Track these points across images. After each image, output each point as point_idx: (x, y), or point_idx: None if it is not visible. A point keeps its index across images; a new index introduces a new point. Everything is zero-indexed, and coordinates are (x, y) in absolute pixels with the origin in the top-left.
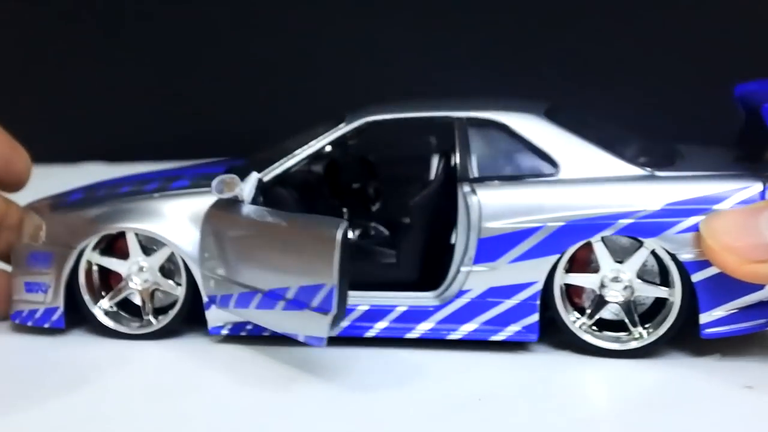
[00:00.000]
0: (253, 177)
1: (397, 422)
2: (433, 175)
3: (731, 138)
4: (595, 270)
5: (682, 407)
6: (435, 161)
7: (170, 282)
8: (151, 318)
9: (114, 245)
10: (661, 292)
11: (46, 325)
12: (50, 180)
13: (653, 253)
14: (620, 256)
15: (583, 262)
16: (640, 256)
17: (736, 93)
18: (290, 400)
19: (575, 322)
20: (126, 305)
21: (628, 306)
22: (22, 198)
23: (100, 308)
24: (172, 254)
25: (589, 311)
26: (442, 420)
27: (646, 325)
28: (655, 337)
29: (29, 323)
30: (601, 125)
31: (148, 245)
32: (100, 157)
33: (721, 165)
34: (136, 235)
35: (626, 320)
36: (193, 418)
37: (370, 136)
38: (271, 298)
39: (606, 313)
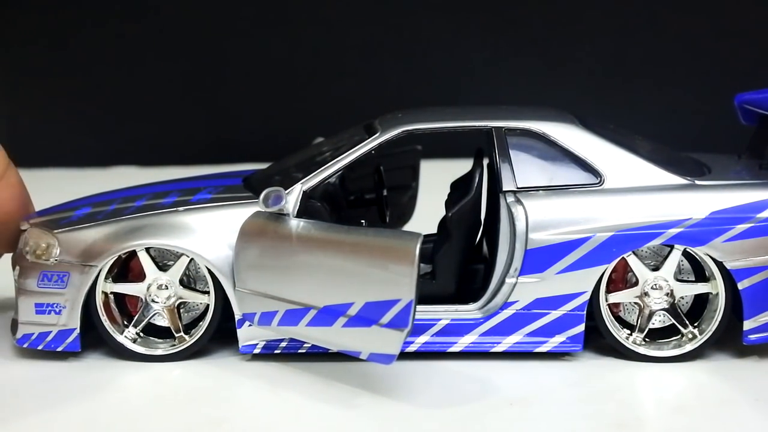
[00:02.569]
0: (298, 188)
1: (428, 426)
2: (417, 181)
3: (735, 147)
4: (634, 284)
5: (716, 412)
6: (420, 168)
7: (195, 293)
8: (183, 334)
9: (126, 269)
10: (703, 287)
11: (60, 348)
12: (83, 183)
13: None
14: (653, 263)
15: (619, 279)
16: (674, 259)
17: (737, 102)
18: (354, 415)
19: (628, 338)
20: (149, 330)
21: (674, 310)
22: (49, 201)
23: (127, 337)
24: (190, 264)
25: (638, 324)
26: (474, 423)
27: (695, 325)
28: (708, 334)
29: (39, 347)
30: (627, 133)
31: (162, 261)
32: (132, 161)
33: (750, 172)
34: (148, 252)
35: (676, 324)
36: None
37: None
38: (329, 314)
39: (655, 323)
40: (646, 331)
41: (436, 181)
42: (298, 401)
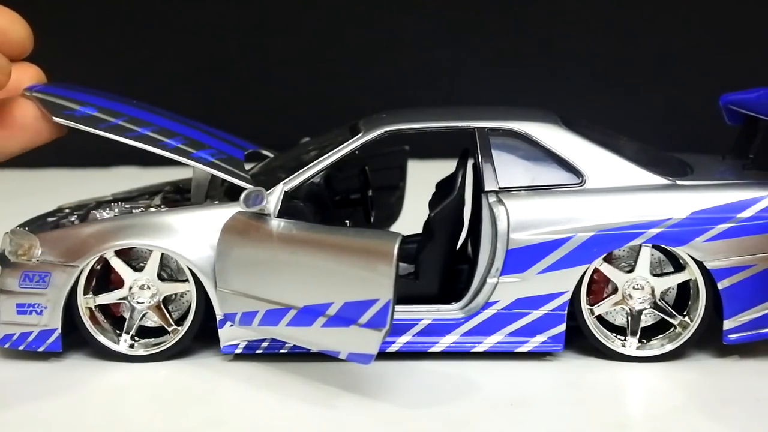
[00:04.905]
0: (279, 189)
1: (409, 426)
2: (404, 181)
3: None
4: (628, 271)
5: (715, 412)
6: (407, 168)
7: (175, 284)
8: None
9: (107, 279)
10: (681, 276)
11: (41, 349)
12: (83, 183)
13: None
14: (627, 263)
15: (601, 281)
16: (646, 257)
17: (722, 103)
18: (335, 415)
19: (624, 345)
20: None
21: (657, 305)
22: (49, 201)
23: (123, 345)
24: (163, 261)
25: (629, 328)
26: (474, 425)
27: (684, 314)
28: (699, 320)
29: (20, 347)
30: (610, 133)
31: (136, 263)
32: (132, 162)
33: (733, 172)
34: (119, 256)
35: (665, 317)
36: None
37: None
38: (308, 314)
39: (618, 318)
40: (639, 333)
41: (425, 181)
42: (278, 401)
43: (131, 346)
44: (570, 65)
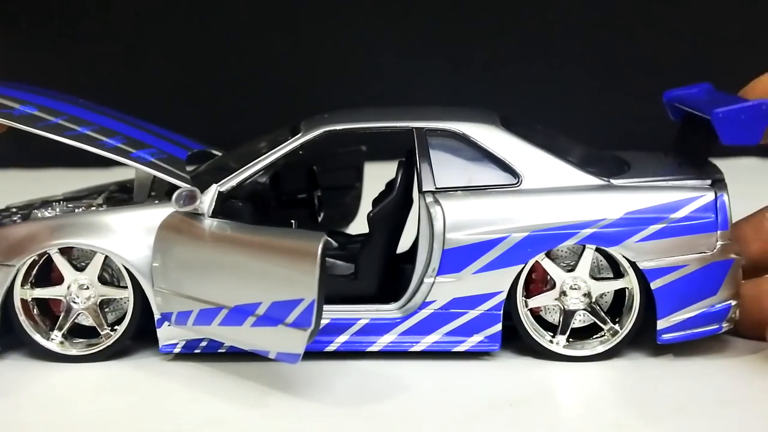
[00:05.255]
0: (213, 189)
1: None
2: (361, 181)
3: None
4: (552, 286)
5: (714, 413)
6: (364, 169)
7: (114, 289)
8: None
9: (48, 273)
10: (618, 284)
11: None
12: (83, 183)
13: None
14: (572, 263)
15: (539, 281)
16: (588, 258)
17: (665, 99)
18: (266, 414)
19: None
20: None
21: (592, 308)
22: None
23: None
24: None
25: (560, 327)
26: (471, 425)
27: (615, 321)
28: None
29: None
30: (550, 133)
31: (78, 262)
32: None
33: (669, 171)
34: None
35: (597, 321)
36: None
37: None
38: (239, 314)
39: (576, 322)
40: (568, 332)
41: (386, 182)
42: (212, 402)
43: (61, 343)
44: (558, 65)
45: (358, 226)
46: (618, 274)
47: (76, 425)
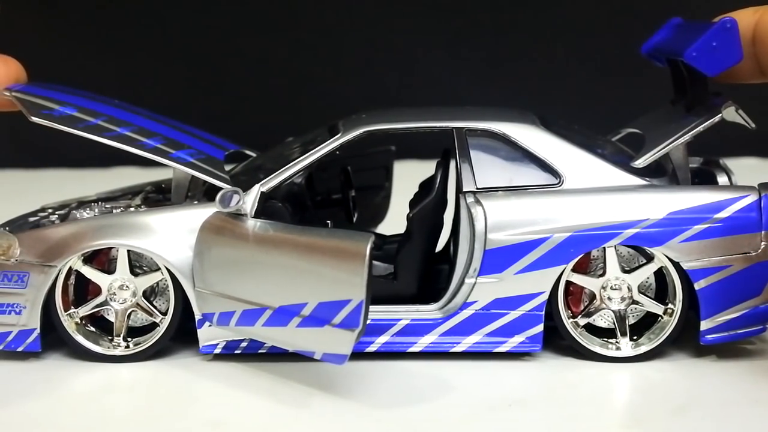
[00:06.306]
0: (256, 189)
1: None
2: (390, 181)
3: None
4: (600, 275)
5: (717, 413)
6: (393, 168)
7: (150, 276)
8: (121, 341)
9: (96, 258)
10: (657, 308)
11: (20, 349)
12: (83, 183)
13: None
14: (627, 265)
15: (576, 298)
16: (612, 257)
17: (644, 51)
18: (307, 415)
19: (619, 349)
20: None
21: (620, 316)
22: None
23: (71, 318)
24: (134, 255)
25: (620, 331)
26: (470, 426)
27: (634, 337)
28: (680, 303)
29: (0, 347)
30: (589, 133)
31: (136, 264)
32: (132, 162)
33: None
34: (90, 263)
35: (617, 329)
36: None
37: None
38: (284, 314)
39: (600, 321)
40: (587, 320)
41: (414, 182)
42: (254, 402)
43: (127, 346)
44: (565, 63)
45: (386, 226)
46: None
47: (107, 424)
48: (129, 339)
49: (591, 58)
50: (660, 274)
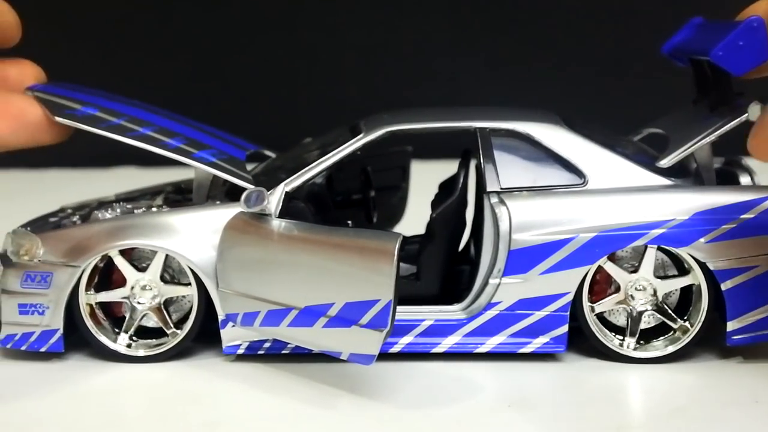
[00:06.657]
0: (280, 189)
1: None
2: (407, 182)
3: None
4: (632, 271)
5: (715, 414)
6: (410, 168)
7: (177, 287)
8: (175, 330)
9: (108, 278)
10: (685, 280)
11: (43, 349)
12: (83, 183)
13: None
14: (636, 264)
15: (603, 282)
16: (651, 258)
17: (665, 51)
18: (335, 416)
19: (622, 345)
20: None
21: (660, 308)
22: (49, 201)
23: (121, 344)
24: (170, 261)
25: (629, 329)
26: (472, 426)
27: (684, 319)
28: (699, 324)
29: (23, 347)
30: (611, 134)
31: (138, 263)
32: (132, 162)
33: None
34: (123, 255)
35: (666, 321)
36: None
37: None
38: (310, 315)
39: (642, 324)
40: (638, 334)
41: (430, 182)
42: (278, 403)
43: (129, 345)
44: (574, 63)
45: (403, 226)
46: (683, 271)
47: (124, 423)
48: (135, 338)
49: (602, 59)
50: (687, 289)
